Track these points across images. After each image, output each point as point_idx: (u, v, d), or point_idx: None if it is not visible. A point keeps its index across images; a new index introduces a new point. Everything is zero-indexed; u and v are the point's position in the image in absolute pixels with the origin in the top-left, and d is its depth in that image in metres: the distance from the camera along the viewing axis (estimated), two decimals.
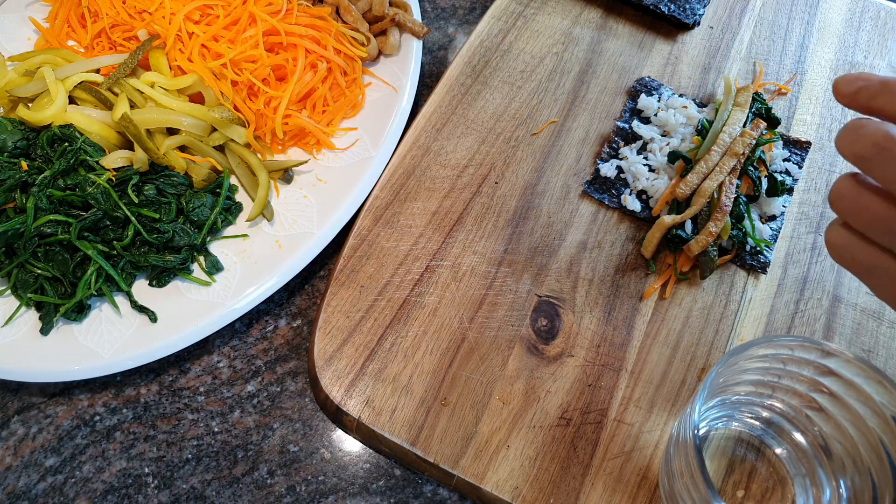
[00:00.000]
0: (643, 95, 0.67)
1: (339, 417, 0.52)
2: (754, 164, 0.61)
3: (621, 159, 0.64)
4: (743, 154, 0.59)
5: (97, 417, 0.54)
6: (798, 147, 0.65)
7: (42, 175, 0.56)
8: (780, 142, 0.64)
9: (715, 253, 0.57)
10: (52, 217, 0.55)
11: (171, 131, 0.61)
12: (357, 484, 0.52)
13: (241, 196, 0.62)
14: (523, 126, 0.66)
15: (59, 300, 0.54)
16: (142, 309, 0.55)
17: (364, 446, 0.53)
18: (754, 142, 0.60)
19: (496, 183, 0.63)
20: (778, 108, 0.68)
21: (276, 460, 0.53)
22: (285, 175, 0.62)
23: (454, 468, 0.50)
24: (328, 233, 0.59)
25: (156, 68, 0.63)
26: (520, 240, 0.60)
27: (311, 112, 0.65)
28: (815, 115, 0.68)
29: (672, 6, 0.72)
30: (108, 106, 0.61)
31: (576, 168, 0.64)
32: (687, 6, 0.72)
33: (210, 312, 0.55)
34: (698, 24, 0.73)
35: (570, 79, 0.69)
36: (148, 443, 0.53)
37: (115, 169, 0.58)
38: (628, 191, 0.62)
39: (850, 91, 0.39)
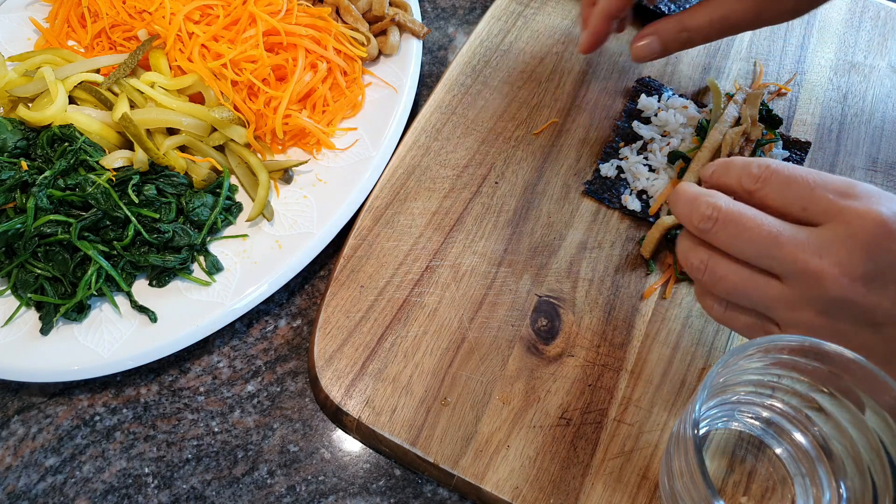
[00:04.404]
0: (643, 95, 0.67)
1: (339, 417, 0.52)
2: None
3: (621, 159, 0.64)
4: (739, 153, 0.59)
5: (97, 417, 0.54)
6: (798, 147, 0.65)
7: (42, 175, 0.56)
8: (780, 142, 0.64)
9: None
10: (52, 217, 0.55)
11: (171, 131, 0.61)
12: (357, 484, 0.52)
13: (241, 196, 0.62)
14: (523, 126, 0.66)
15: (59, 300, 0.54)
16: (142, 309, 0.55)
17: (364, 446, 0.53)
18: (745, 137, 0.60)
19: (496, 183, 0.63)
20: (778, 108, 0.68)
21: (276, 460, 0.53)
22: (285, 175, 0.62)
23: (454, 468, 0.50)
24: (328, 233, 0.59)
25: (156, 68, 0.63)
26: (520, 240, 0.60)
27: (311, 112, 0.65)
28: (815, 115, 0.68)
29: (672, 6, 0.72)
30: (108, 106, 0.61)
31: (576, 168, 0.64)
32: (687, 6, 0.72)
33: (210, 312, 0.55)
34: None
35: (570, 79, 0.69)
36: (148, 443, 0.53)
37: (115, 169, 0.58)
38: (628, 191, 0.62)
39: (705, 175, 0.47)
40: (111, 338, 0.54)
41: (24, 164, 0.57)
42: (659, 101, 0.67)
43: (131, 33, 0.66)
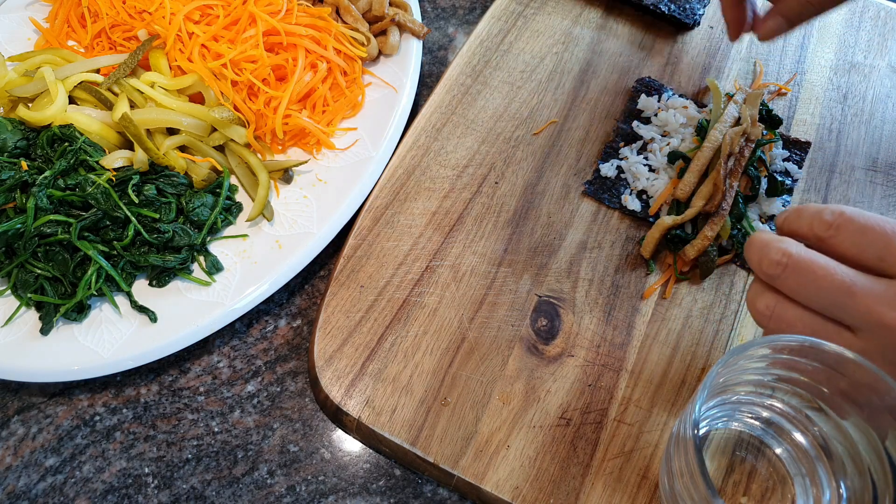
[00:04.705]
0: (643, 95, 0.67)
1: (339, 417, 0.52)
2: (755, 164, 0.61)
3: (621, 159, 0.64)
4: (740, 153, 0.59)
5: (97, 417, 0.54)
6: (798, 147, 0.65)
7: (42, 175, 0.56)
8: (780, 142, 0.64)
9: (715, 253, 0.57)
10: (52, 217, 0.55)
11: (171, 131, 0.61)
12: (357, 484, 0.52)
13: (241, 196, 0.62)
14: (523, 126, 0.66)
15: (59, 300, 0.54)
16: (142, 309, 0.55)
17: (364, 446, 0.53)
18: (745, 137, 0.60)
19: (496, 183, 0.63)
20: (778, 108, 0.68)
21: (276, 460, 0.53)
22: (285, 175, 0.62)
23: (454, 468, 0.50)
24: (328, 233, 0.59)
25: (156, 68, 0.63)
26: (520, 240, 0.60)
27: (311, 112, 0.65)
28: (815, 115, 0.68)
29: (672, 6, 0.72)
30: (108, 106, 0.61)
31: (576, 168, 0.64)
32: (687, 6, 0.72)
33: (210, 312, 0.55)
34: (698, 24, 0.73)
35: (570, 79, 0.69)
36: (148, 443, 0.53)
37: (115, 169, 0.58)
38: (628, 191, 0.62)
39: (778, 221, 0.46)
40: (111, 338, 0.54)
41: (24, 164, 0.57)
42: (659, 101, 0.67)
43: (131, 33, 0.66)
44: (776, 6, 0.61)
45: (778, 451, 0.48)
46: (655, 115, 0.66)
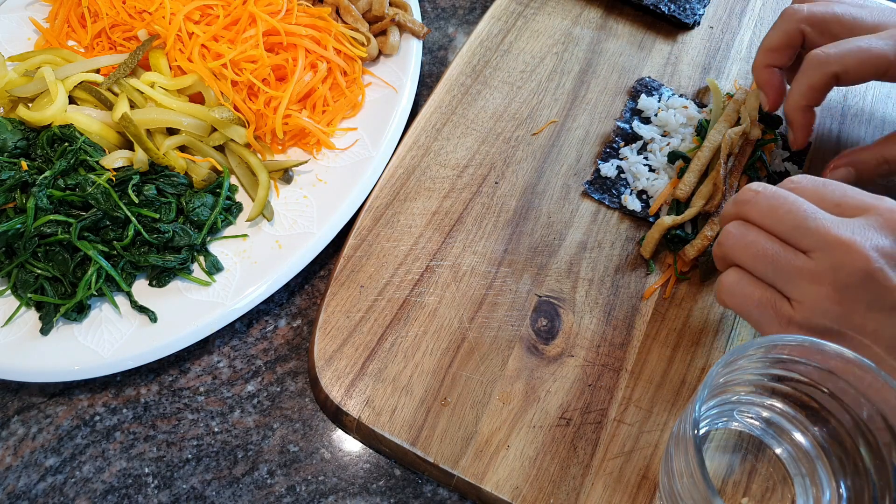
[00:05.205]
0: (643, 95, 0.67)
1: (339, 417, 0.52)
2: (755, 164, 0.61)
3: (621, 159, 0.64)
4: (739, 153, 0.59)
5: (97, 417, 0.54)
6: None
7: (42, 175, 0.56)
8: (780, 142, 0.64)
9: None
10: (52, 217, 0.55)
11: (171, 131, 0.61)
12: (357, 484, 0.52)
13: (241, 196, 0.62)
14: (523, 126, 0.66)
15: (60, 300, 0.54)
16: (142, 309, 0.55)
17: (364, 446, 0.53)
18: (745, 137, 0.60)
19: (496, 183, 0.63)
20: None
21: (276, 460, 0.53)
22: (285, 175, 0.62)
23: (454, 468, 0.50)
24: (328, 233, 0.59)
25: (156, 68, 0.63)
26: (520, 240, 0.60)
27: (311, 112, 0.65)
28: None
29: (672, 6, 0.72)
30: (108, 106, 0.61)
31: (576, 168, 0.64)
32: (687, 6, 0.72)
33: (210, 312, 0.55)
34: (698, 24, 0.73)
35: (570, 79, 0.69)
36: (148, 443, 0.53)
37: (115, 169, 0.58)
38: (628, 191, 0.62)
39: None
40: (111, 338, 0.54)
41: (24, 164, 0.57)
42: (659, 101, 0.67)
43: (131, 33, 0.66)
44: (850, 156, 0.57)
45: (778, 451, 0.48)
46: (655, 115, 0.66)
